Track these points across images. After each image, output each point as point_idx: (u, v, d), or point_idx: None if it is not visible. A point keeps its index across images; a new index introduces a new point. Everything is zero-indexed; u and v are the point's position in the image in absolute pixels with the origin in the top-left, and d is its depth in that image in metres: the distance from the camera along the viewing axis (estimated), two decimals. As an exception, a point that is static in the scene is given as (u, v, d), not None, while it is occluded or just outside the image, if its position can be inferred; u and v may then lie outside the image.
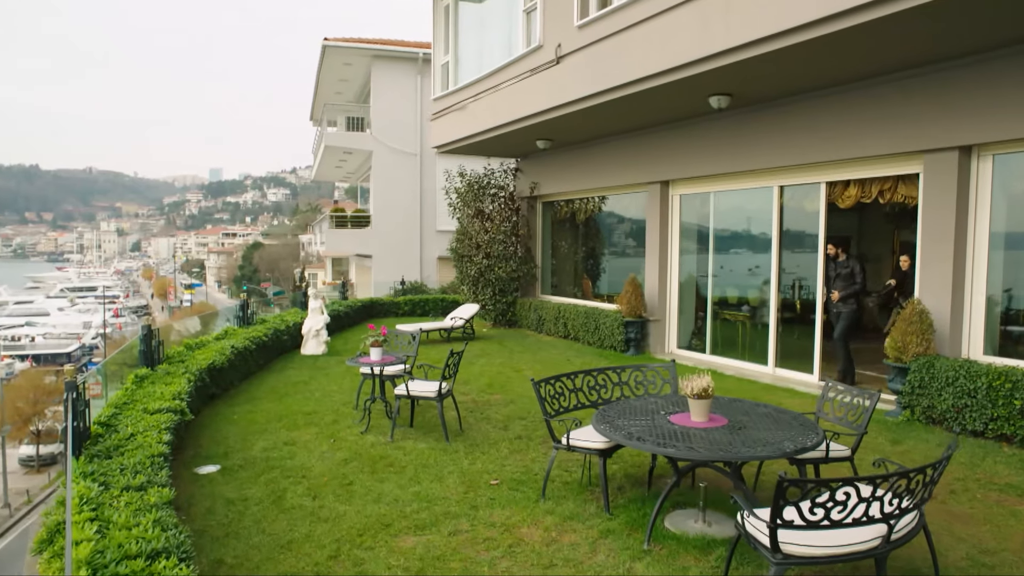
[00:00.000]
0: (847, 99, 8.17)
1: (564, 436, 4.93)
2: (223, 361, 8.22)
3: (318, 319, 11.50)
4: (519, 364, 10.57)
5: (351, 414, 7.47)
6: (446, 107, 14.08)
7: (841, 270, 8.97)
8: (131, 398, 6.07)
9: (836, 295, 8.93)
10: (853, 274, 8.88)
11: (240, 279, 75.20)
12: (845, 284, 8.92)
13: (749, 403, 5.00)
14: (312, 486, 5.31)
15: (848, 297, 8.92)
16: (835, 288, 8.99)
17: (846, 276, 8.92)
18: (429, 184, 22.04)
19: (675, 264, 11.49)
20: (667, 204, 11.50)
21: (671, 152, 11.04)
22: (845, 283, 8.92)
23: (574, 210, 14.48)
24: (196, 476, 5.56)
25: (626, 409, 4.87)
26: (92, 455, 4.54)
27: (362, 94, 25.00)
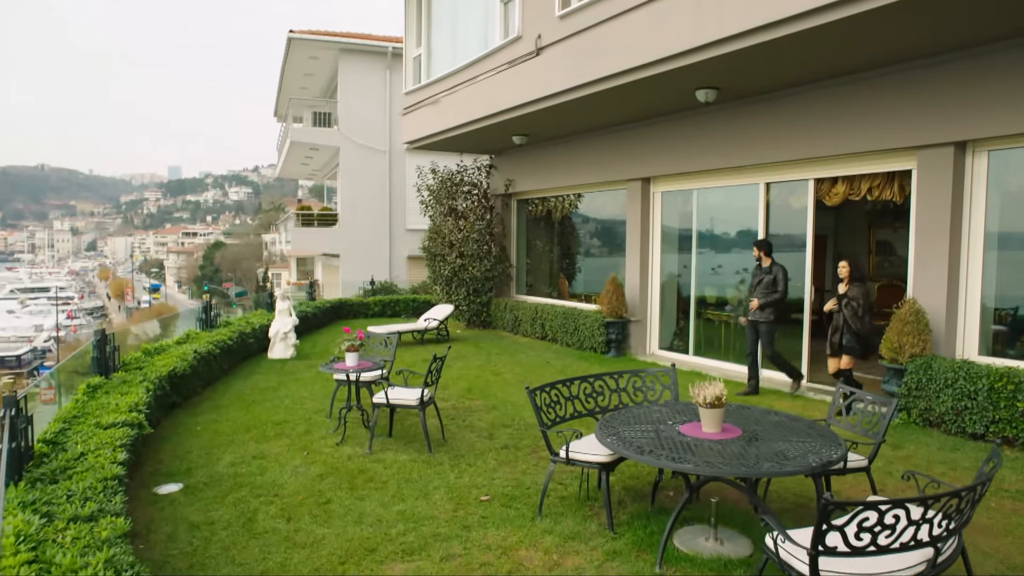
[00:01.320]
0: (838, 93, 7.96)
1: (563, 448, 4.56)
2: (185, 367, 7.67)
3: (286, 321, 10.96)
4: (498, 367, 10.19)
5: (325, 423, 7.00)
6: (418, 101, 13.62)
7: (763, 276, 8.26)
8: (82, 411, 5.52)
9: (755, 304, 8.25)
10: (775, 282, 8.16)
11: (201, 279, 73.43)
12: (766, 292, 8.21)
13: (759, 410, 4.70)
14: (286, 506, 4.85)
15: (767, 306, 8.19)
16: (755, 296, 8.30)
17: (768, 284, 8.20)
18: (398, 181, 21.52)
19: (656, 263, 11.22)
20: (648, 202, 11.22)
21: (652, 148, 10.76)
22: (766, 291, 8.21)
23: (550, 208, 14.15)
24: (156, 497, 5.05)
25: (629, 418, 4.51)
26: (34, 479, 4.03)
27: (329, 89, 24.34)
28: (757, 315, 8.27)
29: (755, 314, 8.28)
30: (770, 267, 8.26)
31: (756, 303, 8.25)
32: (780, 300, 8.16)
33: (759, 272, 8.35)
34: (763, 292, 8.23)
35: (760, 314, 8.24)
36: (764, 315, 8.21)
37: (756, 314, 8.28)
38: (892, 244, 13.46)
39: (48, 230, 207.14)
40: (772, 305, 8.19)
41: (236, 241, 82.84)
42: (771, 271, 8.22)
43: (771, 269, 8.23)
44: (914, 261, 7.45)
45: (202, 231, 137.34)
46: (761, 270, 8.33)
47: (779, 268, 8.17)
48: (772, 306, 8.19)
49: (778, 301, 8.16)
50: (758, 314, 8.26)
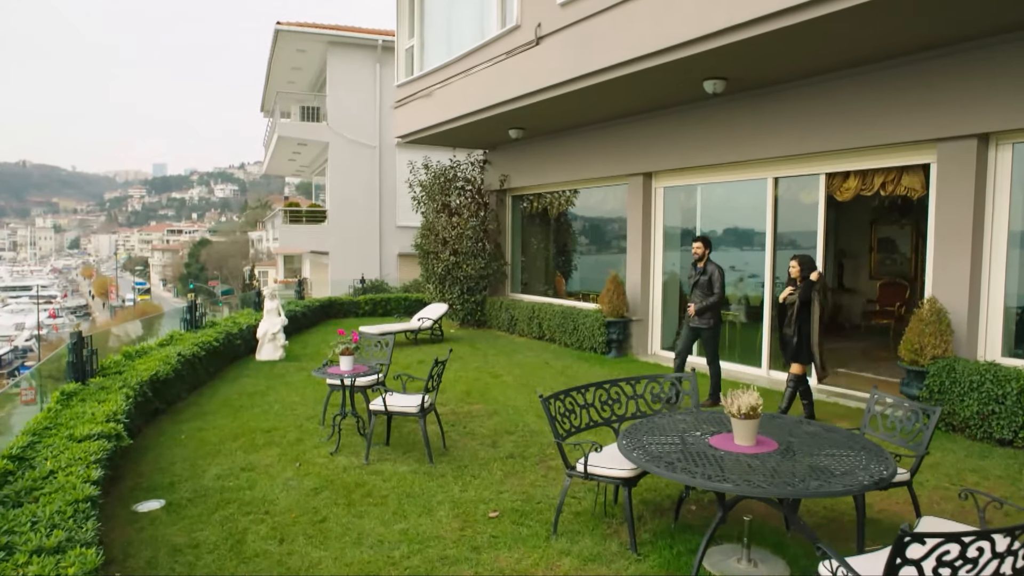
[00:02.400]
0: (855, 83, 7.64)
1: (579, 461, 4.21)
2: (168, 371, 7.24)
3: (275, 321, 10.53)
4: (496, 368, 9.82)
5: (317, 431, 6.61)
6: (411, 94, 13.20)
7: (699, 277, 7.47)
8: (55, 421, 5.10)
9: (692, 309, 7.51)
10: (711, 283, 7.38)
11: (187, 277, 72.48)
12: (703, 294, 7.45)
13: (791, 419, 4.36)
14: (278, 525, 4.46)
15: (705, 311, 7.44)
16: (692, 299, 7.55)
17: (704, 286, 7.43)
18: (389, 178, 21.08)
19: (659, 261, 10.88)
20: (650, 197, 10.88)
21: (655, 142, 10.42)
22: (703, 293, 7.45)
23: (547, 204, 13.78)
24: (135, 516, 4.65)
25: (653, 429, 4.16)
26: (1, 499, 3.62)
27: (317, 83, 23.84)
28: (697, 322, 7.54)
29: (695, 321, 7.56)
30: (705, 267, 7.48)
31: (693, 308, 7.53)
32: (717, 303, 7.45)
33: (695, 272, 7.61)
34: (700, 295, 7.50)
35: (700, 320, 7.52)
36: (704, 321, 7.49)
37: (696, 321, 7.55)
38: (894, 241, 13.21)
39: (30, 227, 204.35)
40: (710, 309, 7.45)
41: (222, 239, 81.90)
42: (706, 271, 7.45)
43: (706, 269, 7.46)
44: (934, 258, 7.14)
45: (187, 228, 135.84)
46: (696, 270, 7.57)
47: (715, 268, 7.46)
48: (710, 310, 7.46)
49: (715, 304, 7.44)
50: (697, 321, 7.53)
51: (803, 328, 6.62)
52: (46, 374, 7.71)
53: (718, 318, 7.60)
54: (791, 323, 6.67)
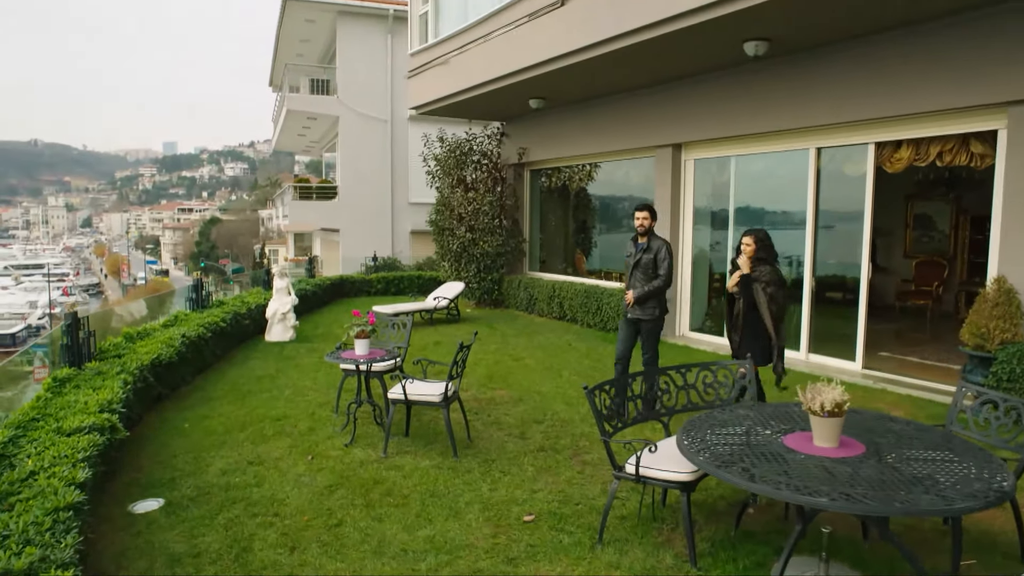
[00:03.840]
0: (910, 43, 6.99)
1: (629, 462, 3.70)
2: (171, 355, 6.77)
3: (285, 301, 10.06)
4: (517, 351, 9.32)
5: (331, 419, 6.13)
6: (425, 63, 12.59)
7: (641, 255, 5.90)
8: (44, 411, 4.64)
9: (630, 296, 5.94)
10: (656, 263, 5.86)
11: (197, 256, 72.35)
12: (645, 277, 5.88)
13: (870, 415, 3.83)
14: (288, 529, 3.99)
15: (648, 298, 5.87)
16: (632, 285, 5.97)
17: (647, 266, 5.86)
18: (401, 153, 20.47)
19: (687, 238, 10.30)
20: (679, 170, 10.27)
21: (685, 111, 9.79)
22: (645, 275, 5.88)
23: (567, 179, 13.19)
24: (131, 518, 4.19)
25: (713, 425, 3.64)
26: (-31, 508, 3.16)
27: (327, 55, 23.17)
28: (637, 312, 5.92)
29: (634, 311, 5.94)
30: (648, 243, 5.92)
31: (632, 295, 5.92)
32: (662, 289, 5.88)
33: (635, 250, 5.99)
34: (642, 278, 5.89)
35: (640, 310, 5.90)
36: (646, 311, 5.89)
37: (635, 311, 5.93)
38: (931, 218, 12.54)
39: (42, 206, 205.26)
40: (654, 296, 5.89)
41: (232, 217, 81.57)
42: (650, 248, 5.89)
43: (651, 245, 5.91)
44: (1001, 234, 6.53)
45: (198, 207, 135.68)
46: (638, 247, 5.98)
47: (662, 244, 5.93)
48: (654, 297, 5.89)
49: (660, 290, 5.87)
50: (637, 311, 5.91)
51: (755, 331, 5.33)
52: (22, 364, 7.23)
53: (663, 307, 6.03)
54: (737, 326, 5.44)
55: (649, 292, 5.87)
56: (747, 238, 5.47)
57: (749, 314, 5.36)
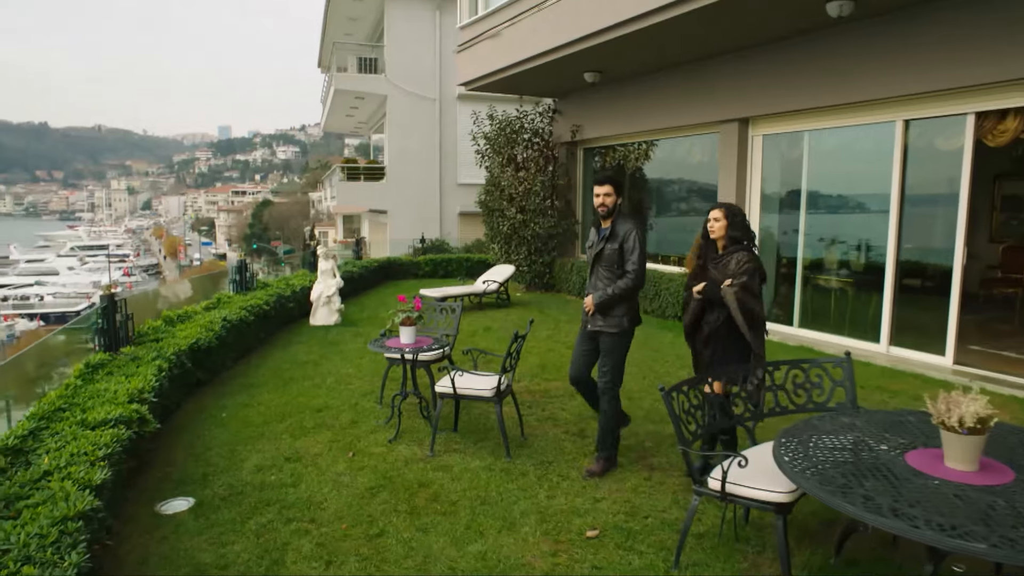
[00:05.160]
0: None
1: (712, 475, 3.18)
2: (210, 339, 6.48)
3: (329, 283, 9.75)
4: (570, 338, 8.79)
5: (374, 410, 5.75)
6: (475, 36, 12.06)
7: (604, 245, 4.46)
8: (71, 400, 4.35)
9: (589, 302, 4.50)
10: (623, 253, 4.38)
11: (250, 237, 73.75)
12: (610, 275, 4.43)
13: (1007, 428, 3.20)
14: (325, 539, 3.60)
15: (615, 302, 4.39)
16: (593, 285, 4.53)
17: (611, 258, 4.41)
18: (450, 133, 20.04)
19: (754, 219, 9.57)
20: (746, 147, 9.55)
21: (754, 82, 9.05)
22: (609, 272, 4.43)
23: (622, 158, 12.53)
24: (158, 519, 3.86)
25: (813, 434, 3.09)
26: (-27, 513, 2.84)
27: (375, 34, 22.83)
28: (598, 322, 4.46)
29: (594, 320, 4.49)
30: (613, 228, 4.43)
31: (590, 300, 4.48)
32: (632, 290, 4.39)
33: (599, 237, 4.54)
34: (606, 275, 4.44)
35: (603, 320, 4.44)
36: (611, 320, 4.42)
37: (596, 320, 4.47)
38: (1022, 199, 11.50)
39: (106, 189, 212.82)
40: (622, 301, 4.40)
41: (284, 199, 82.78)
42: (615, 235, 4.40)
43: (615, 231, 4.41)
44: None
45: (251, 190, 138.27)
46: (600, 233, 4.55)
47: (630, 229, 4.40)
48: (622, 302, 4.40)
49: (630, 292, 4.38)
50: (599, 320, 4.46)
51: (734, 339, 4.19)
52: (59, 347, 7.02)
53: (634, 315, 4.49)
54: (708, 340, 4.29)
55: (615, 296, 4.35)
56: (716, 212, 4.26)
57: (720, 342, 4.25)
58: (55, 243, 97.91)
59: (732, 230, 4.22)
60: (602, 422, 4.54)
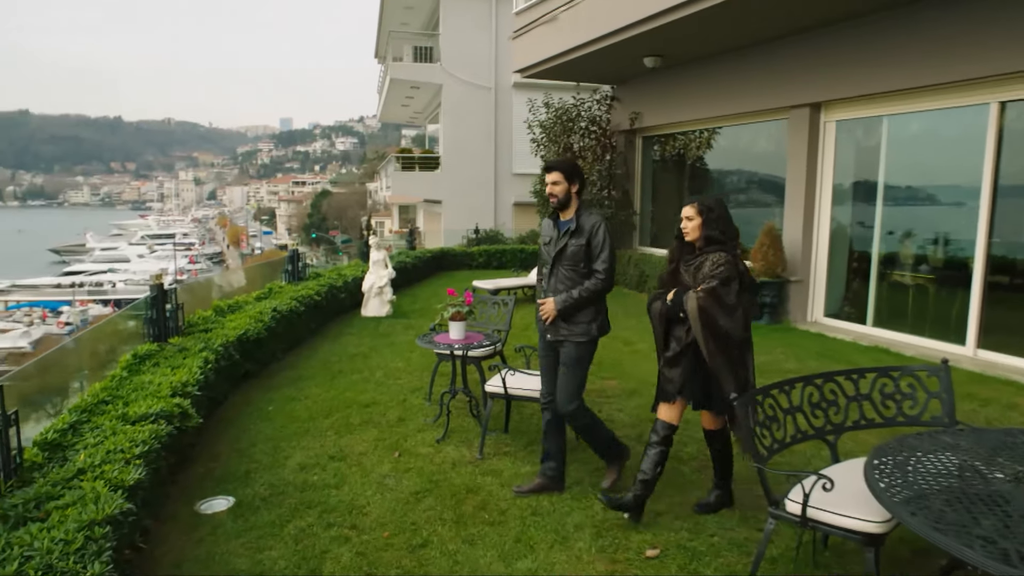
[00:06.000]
0: None
1: (790, 496, 2.83)
2: (259, 329, 6.40)
3: (381, 274, 9.62)
4: (626, 333, 8.45)
5: (423, 408, 5.55)
6: (531, 21, 11.74)
7: (566, 242, 3.86)
8: (115, 393, 4.27)
9: (549, 307, 3.87)
10: (591, 250, 3.83)
11: (309, 227, 75.25)
12: (574, 274, 3.85)
13: None
14: (366, 547, 3.40)
15: (579, 307, 3.82)
16: (553, 287, 3.94)
17: (575, 256, 3.84)
18: (505, 122, 19.78)
19: (825, 211, 9.02)
20: (817, 134, 8.98)
21: (828, 63, 8.47)
22: (574, 271, 3.85)
23: (683, 146, 12.04)
24: (197, 518, 3.73)
25: (909, 455, 2.71)
26: (4, 513, 2.72)
27: (431, 23, 22.71)
28: (561, 330, 3.88)
29: (555, 328, 3.91)
30: (578, 221, 3.86)
31: (551, 305, 3.86)
32: (603, 292, 3.85)
33: (560, 231, 3.94)
34: (569, 277, 3.86)
35: (567, 327, 3.87)
36: (576, 329, 3.86)
37: (560, 329, 3.89)
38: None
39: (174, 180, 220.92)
40: (590, 303, 3.85)
41: (342, 190, 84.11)
42: (581, 229, 3.85)
43: (580, 225, 3.86)
44: None
45: (310, 180, 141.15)
46: (559, 226, 3.96)
47: (597, 222, 3.87)
48: (590, 303, 3.85)
49: (600, 294, 3.84)
50: (562, 328, 3.88)
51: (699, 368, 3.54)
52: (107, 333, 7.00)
53: (603, 321, 3.94)
54: (676, 360, 3.57)
55: (581, 299, 3.78)
56: (688, 209, 3.54)
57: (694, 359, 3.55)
58: (127, 232, 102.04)
59: (708, 228, 3.49)
60: (591, 442, 4.09)
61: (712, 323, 3.36)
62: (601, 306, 3.94)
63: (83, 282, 55.35)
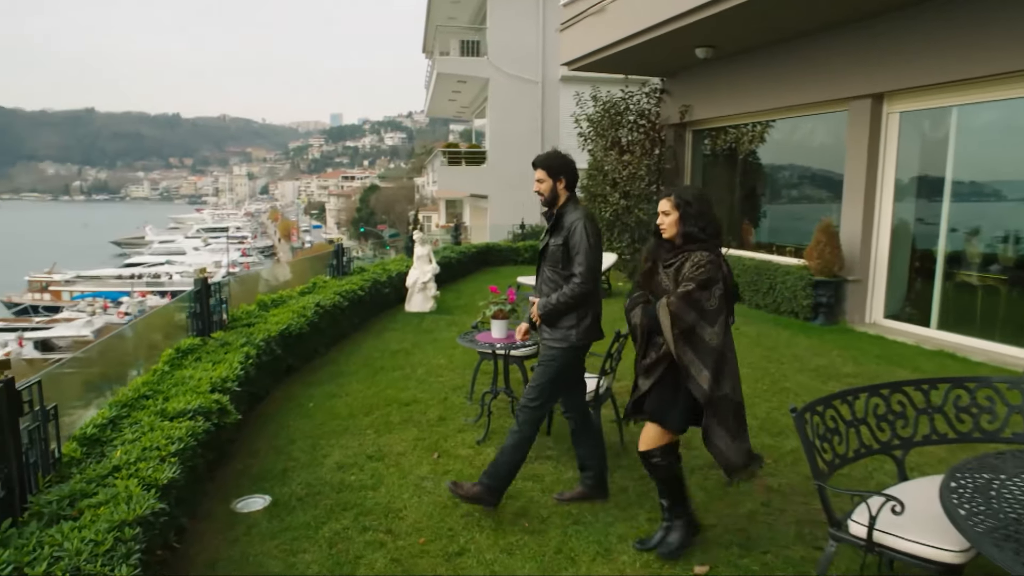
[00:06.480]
0: None
1: (852, 516, 2.61)
2: (302, 324, 6.38)
3: (425, 269, 9.57)
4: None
5: (464, 407, 5.44)
6: (579, 12, 11.50)
7: (549, 240, 3.70)
8: (156, 387, 4.26)
9: (534, 311, 3.72)
10: (569, 249, 3.58)
11: (357, 221, 76.27)
12: (555, 277, 3.65)
13: None
14: (401, 553, 3.29)
15: (559, 312, 3.59)
16: (539, 288, 3.80)
17: (555, 256, 3.64)
18: (552, 116, 19.56)
19: (887, 207, 8.59)
20: (879, 126, 8.55)
21: (891, 52, 8.04)
22: (554, 273, 3.66)
23: (734, 140, 11.66)
24: (233, 517, 3.69)
25: (991, 477, 2.46)
26: (35, 514, 2.69)
27: (478, 17, 22.62)
28: (544, 334, 3.70)
29: (541, 331, 3.74)
30: (559, 219, 3.66)
31: (535, 309, 3.71)
32: (581, 296, 3.54)
33: (545, 232, 3.79)
34: (551, 280, 3.68)
35: (549, 332, 3.66)
36: (556, 334, 3.62)
37: (543, 332, 3.71)
38: None
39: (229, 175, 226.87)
40: (571, 308, 3.58)
41: (390, 184, 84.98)
42: (560, 226, 3.63)
43: (561, 223, 3.64)
44: None
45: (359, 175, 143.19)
46: (549, 224, 3.75)
47: (577, 220, 3.59)
48: (572, 310, 3.58)
49: (578, 299, 3.54)
50: (545, 332, 3.68)
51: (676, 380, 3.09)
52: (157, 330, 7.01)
53: (588, 328, 3.62)
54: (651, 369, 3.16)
55: (559, 305, 3.56)
56: (664, 203, 3.20)
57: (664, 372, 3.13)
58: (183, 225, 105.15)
59: (686, 224, 3.11)
60: (504, 447, 3.64)
61: (685, 327, 2.98)
62: (585, 311, 3.61)
63: (142, 274, 57.24)
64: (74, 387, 4.81)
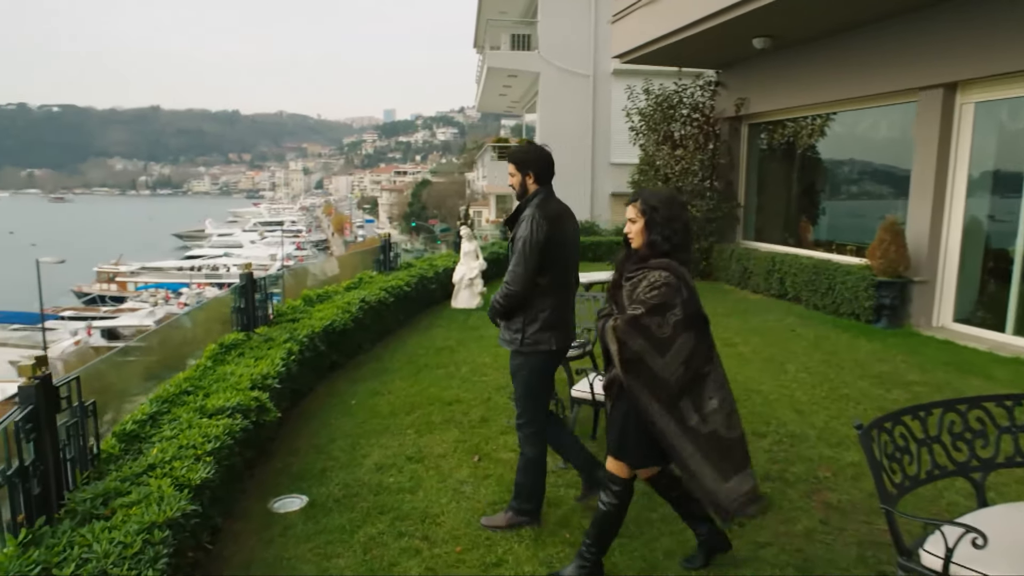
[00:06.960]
0: None
1: (925, 547, 2.38)
2: (346, 320, 6.35)
3: (472, 265, 9.47)
4: (728, 334, 7.91)
5: (506, 407, 5.31)
6: (632, 3, 11.23)
7: (515, 234, 3.52)
8: (197, 383, 4.26)
9: None
10: (525, 249, 3.35)
11: (409, 216, 77.06)
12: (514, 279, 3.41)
13: None
14: (436, 562, 3.18)
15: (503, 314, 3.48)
16: None
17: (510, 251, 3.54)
18: (603, 110, 19.25)
19: (958, 204, 8.10)
20: (950, 118, 8.06)
21: (966, 39, 7.56)
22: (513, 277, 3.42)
23: (792, 134, 11.21)
24: (270, 517, 3.64)
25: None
26: (71, 512, 2.67)
27: (528, 11, 22.43)
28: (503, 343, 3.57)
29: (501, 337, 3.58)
30: (518, 211, 3.58)
31: None
32: (507, 297, 3.39)
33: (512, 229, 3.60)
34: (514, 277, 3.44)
35: (504, 330, 3.54)
36: (507, 335, 3.50)
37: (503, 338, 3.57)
38: None
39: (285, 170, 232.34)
40: (504, 311, 3.45)
41: (442, 179, 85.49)
42: (516, 222, 3.54)
43: (520, 215, 3.53)
44: None
45: (411, 170, 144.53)
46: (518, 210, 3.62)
47: (527, 218, 3.43)
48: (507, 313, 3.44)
49: (509, 298, 3.38)
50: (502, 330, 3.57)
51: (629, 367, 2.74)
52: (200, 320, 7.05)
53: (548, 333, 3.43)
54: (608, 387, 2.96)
55: (494, 306, 3.47)
56: (630, 208, 2.87)
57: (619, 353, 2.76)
58: (241, 219, 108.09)
59: (651, 232, 2.76)
60: (519, 468, 3.53)
61: (633, 358, 2.64)
62: (534, 314, 3.37)
63: (201, 266, 59.04)
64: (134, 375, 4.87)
